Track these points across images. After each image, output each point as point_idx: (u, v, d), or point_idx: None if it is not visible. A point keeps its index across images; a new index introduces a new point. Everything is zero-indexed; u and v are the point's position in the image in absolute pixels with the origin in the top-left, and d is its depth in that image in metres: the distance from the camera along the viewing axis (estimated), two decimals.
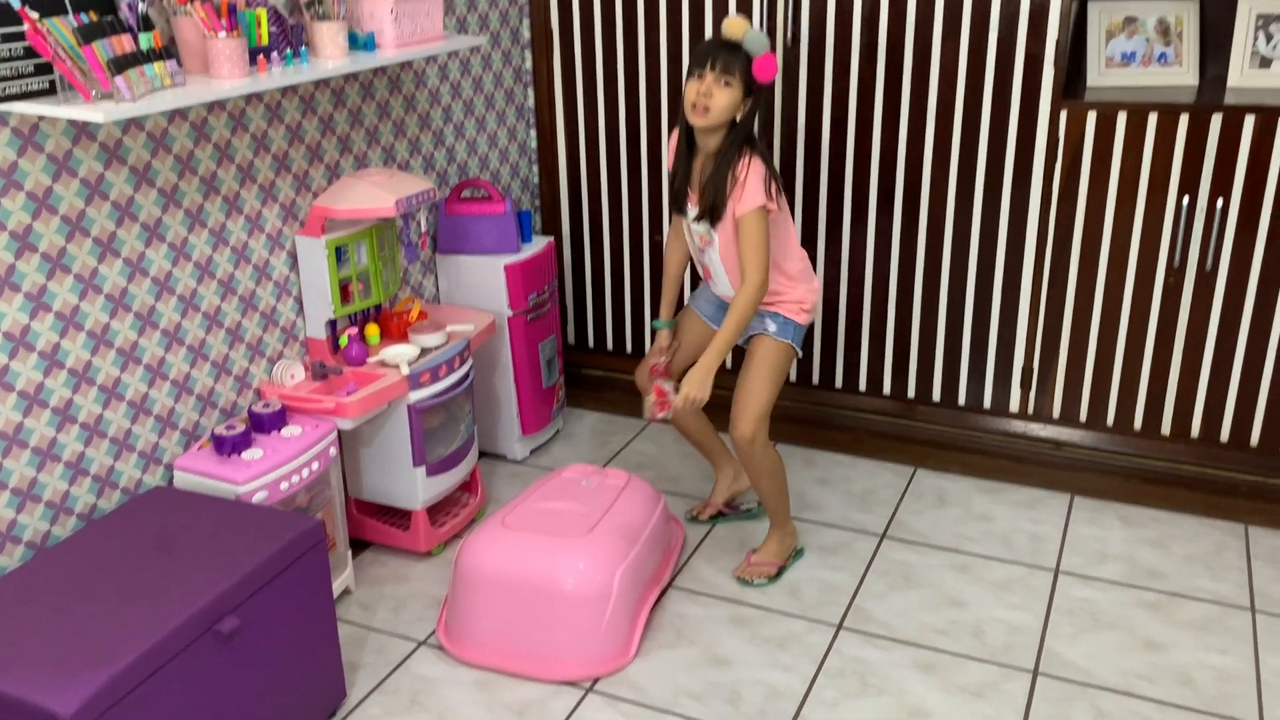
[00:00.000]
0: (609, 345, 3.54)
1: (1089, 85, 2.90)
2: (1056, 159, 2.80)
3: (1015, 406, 3.06)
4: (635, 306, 3.45)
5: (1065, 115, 2.75)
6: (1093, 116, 2.73)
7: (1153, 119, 2.68)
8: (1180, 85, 2.87)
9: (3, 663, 1.67)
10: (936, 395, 3.14)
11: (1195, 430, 2.88)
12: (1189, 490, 2.91)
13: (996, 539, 2.80)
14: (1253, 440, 2.83)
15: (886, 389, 3.20)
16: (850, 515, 2.92)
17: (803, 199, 3.09)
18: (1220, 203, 2.67)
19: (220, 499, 2.16)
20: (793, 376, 3.25)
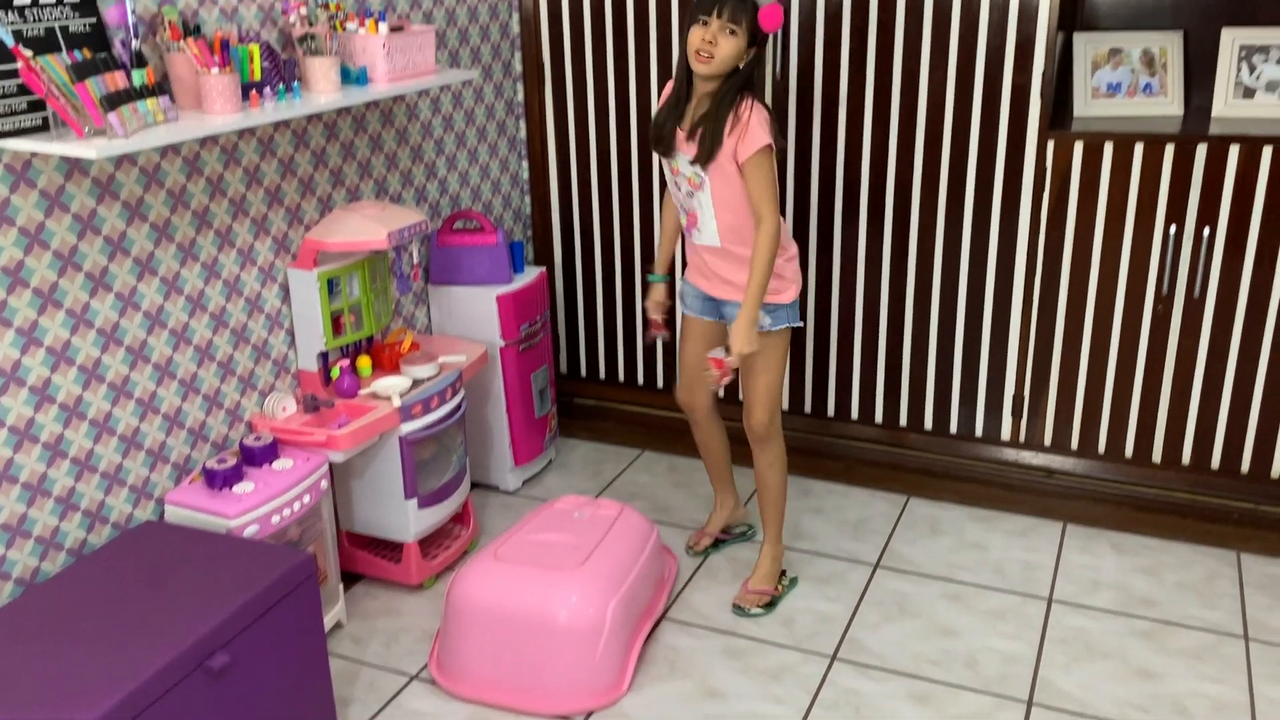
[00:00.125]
0: (601, 374, 3.54)
1: (1075, 115, 2.93)
2: (1044, 189, 2.82)
3: (1007, 434, 3.07)
4: (628, 335, 3.46)
5: (1052, 145, 2.78)
6: (1079, 147, 2.76)
7: (1139, 149, 2.70)
8: (1165, 115, 2.90)
9: None
10: (928, 424, 3.15)
11: (1186, 457, 2.89)
12: (1181, 517, 2.92)
13: (989, 568, 2.80)
14: (1243, 467, 2.84)
15: (878, 417, 3.21)
16: (843, 545, 2.91)
17: (793, 228, 3.10)
18: (1207, 231, 2.69)
19: (211, 533, 2.15)
20: (786, 405, 3.26)
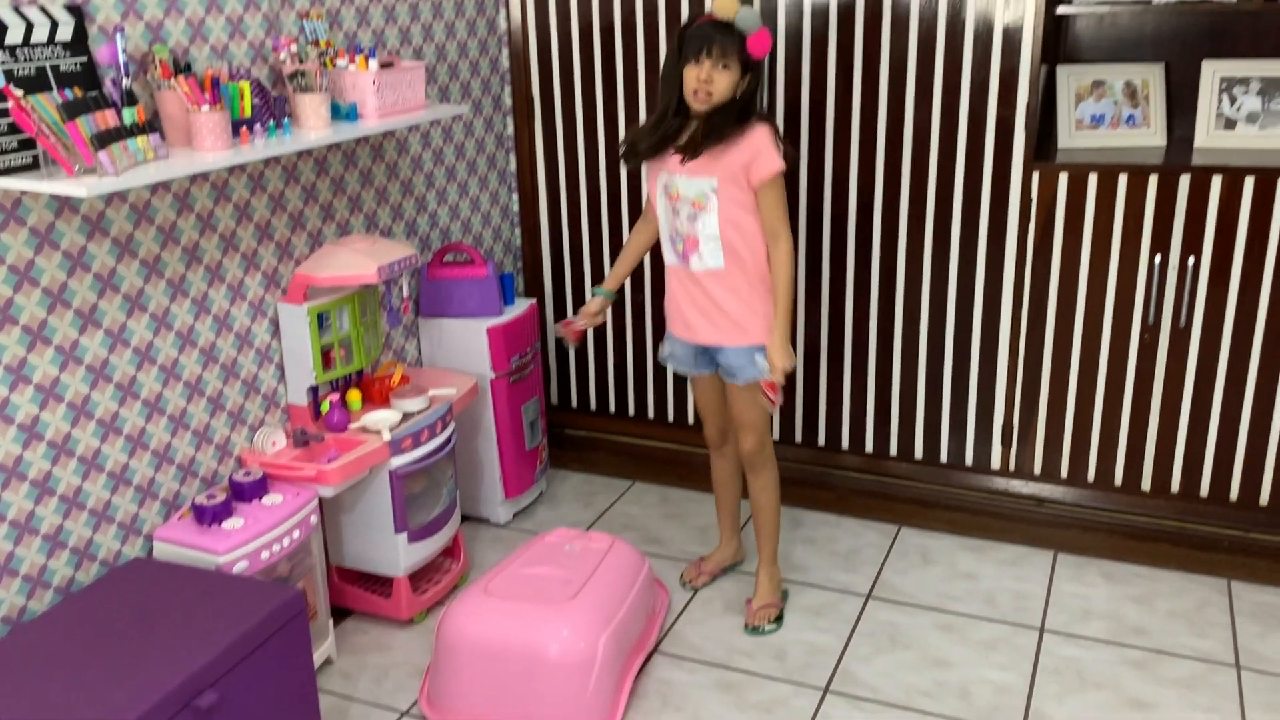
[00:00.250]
0: (592, 405, 3.54)
1: (1060, 147, 2.96)
2: (1030, 220, 2.85)
3: (997, 464, 3.07)
4: (618, 365, 3.47)
5: (1037, 177, 2.81)
6: (1064, 178, 2.79)
7: (1123, 180, 2.73)
8: (1149, 146, 2.93)
9: None
10: (918, 453, 3.16)
11: (1175, 485, 2.90)
12: (1171, 545, 2.92)
13: (981, 598, 2.80)
14: (1232, 495, 2.85)
15: (869, 447, 3.21)
16: (835, 575, 2.91)
17: None
18: (1191, 260, 2.72)
19: (200, 569, 2.14)
20: (777, 436, 3.26)
